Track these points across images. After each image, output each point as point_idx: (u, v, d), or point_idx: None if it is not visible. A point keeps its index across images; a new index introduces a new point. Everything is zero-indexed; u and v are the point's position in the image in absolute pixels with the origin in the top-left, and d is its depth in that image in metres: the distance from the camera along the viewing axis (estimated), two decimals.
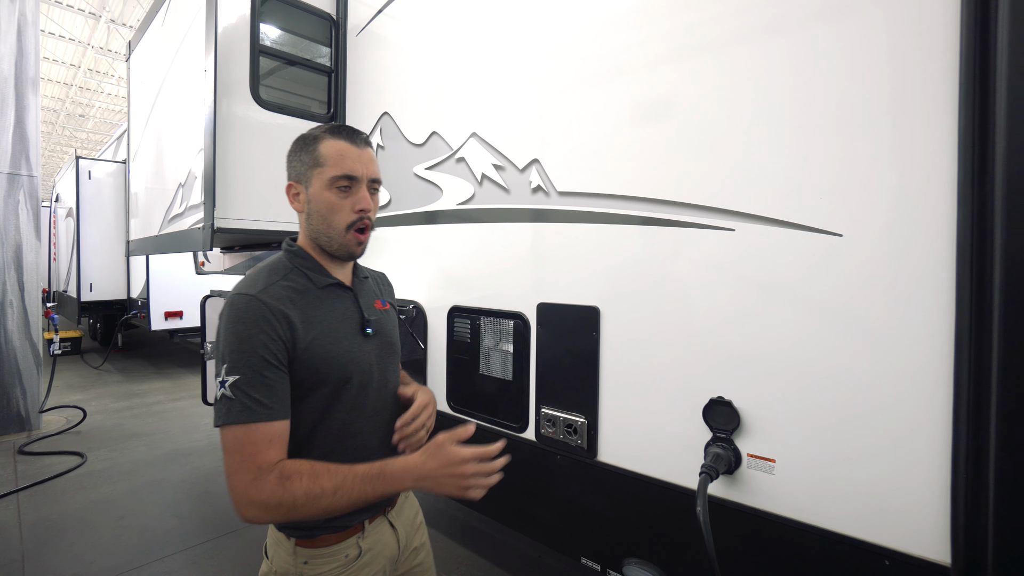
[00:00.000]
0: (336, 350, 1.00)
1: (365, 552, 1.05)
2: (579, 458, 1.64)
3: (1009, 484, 0.93)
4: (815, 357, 1.18)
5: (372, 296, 1.16)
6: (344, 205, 1.00)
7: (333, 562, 1.01)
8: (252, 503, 0.85)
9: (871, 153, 1.11)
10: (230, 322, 0.92)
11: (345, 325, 1.04)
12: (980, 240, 0.96)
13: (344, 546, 1.03)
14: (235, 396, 0.88)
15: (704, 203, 1.35)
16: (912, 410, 1.06)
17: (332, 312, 1.03)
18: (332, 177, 0.98)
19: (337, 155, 0.99)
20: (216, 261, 4.07)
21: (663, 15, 1.44)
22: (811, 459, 1.20)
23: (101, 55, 13.58)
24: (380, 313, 1.14)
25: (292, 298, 0.98)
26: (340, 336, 1.02)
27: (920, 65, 1.04)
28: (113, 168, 7.22)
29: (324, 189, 0.99)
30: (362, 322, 1.07)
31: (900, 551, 1.08)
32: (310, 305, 1.00)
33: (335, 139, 1.00)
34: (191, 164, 2.62)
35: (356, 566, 1.03)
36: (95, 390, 6.06)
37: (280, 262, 1.04)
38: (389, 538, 1.11)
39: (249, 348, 0.90)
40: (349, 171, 0.99)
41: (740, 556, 1.32)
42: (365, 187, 1.01)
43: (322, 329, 0.99)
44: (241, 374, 0.88)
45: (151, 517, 3.04)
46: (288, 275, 1.02)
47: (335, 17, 2.67)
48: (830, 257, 1.16)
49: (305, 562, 1.00)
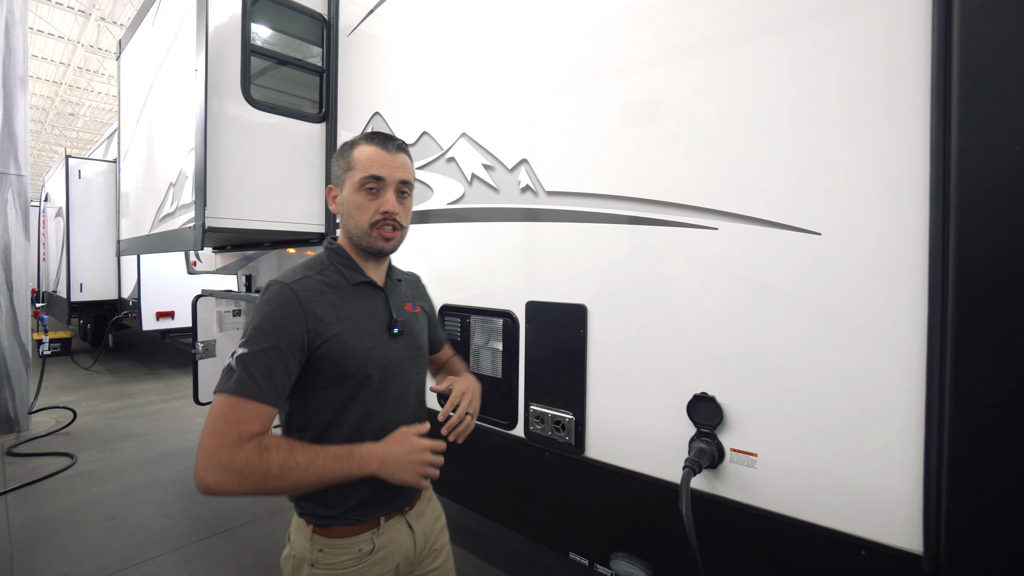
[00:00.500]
0: (360, 346, 1.04)
1: (379, 549, 1.07)
2: (567, 454, 1.66)
3: (973, 476, 0.96)
4: (796, 353, 1.21)
5: (403, 298, 1.20)
6: (370, 206, 1.05)
7: (346, 554, 1.05)
8: (222, 466, 0.87)
9: (848, 155, 1.13)
10: (260, 303, 0.99)
11: (372, 323, 1.08)
12: (945, 240, 0.99)
13: (359, 540, 1.06)
14: (237, 368, 0.92)
15: (688, 202, 1.38)
16: (887, 404, 1.09)
17: (361, 309, 1.08)
18: (360, 179, 1.05)
19: (367, 159, 1.06)
20: (208, 261, 4.05)
21: (651, 18, 1.47)
22: (791, 453, 1.23)
23: (91, 53, 13.46)
24: (409, 315, 1.18)
25: (323, 291, 1.03)
26: (365, 333, 1.06)
27: (894, 72, 1.07)
28: (103, 167, 7.16)
29: (354, 191, 1.06)
30: (389, 322, 1.11)
31: (876, 541, 1.11)
32: (340, 300, 1.05)
33: (368, 145, 1.08)
34: (182, 163, 2.62)
35: (369, 561, 1.06)
36: (85, 391, 6.01)
37: (319, 258, 1.12)
38: (405, 538, 1.13)
39: (266, 330, 0.95)
40: (375, 172, 1.05)
41: (723, 548, 1.34)
42: (392, 190, 1.07)
43: (348, 324, 1.04)
44: (250, 350, 0.93)
45: (142, 517, 3.03)
46: (324, 270, 1.08)
47: (326, 17, 2.67)
48: (810, 256, 1.19)
49: (320, 550, 1.04)
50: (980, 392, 0.95)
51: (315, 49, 2.68)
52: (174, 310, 6.67)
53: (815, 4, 1.18)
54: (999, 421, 0.94)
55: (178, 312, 6.67)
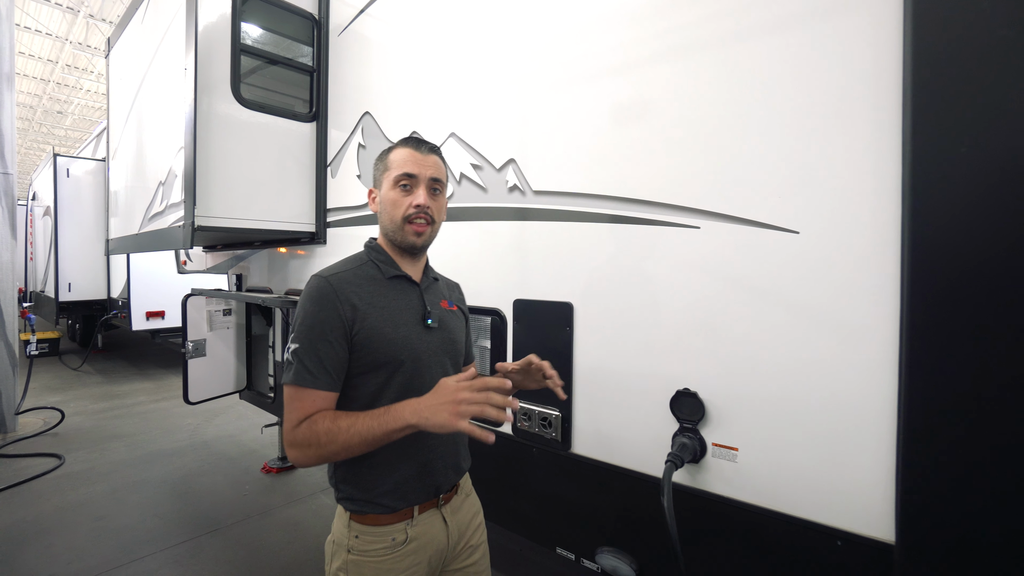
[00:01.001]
0: (394, 334, 1.10)
1: (411, 540, 1.11)
2: (554, 450, 1.68)
3: (930, 470, 0.99)
4: (775, 349, 1.24)
5: (439, 296, 1.25)
6: (404, 201, 1.13)
7: (380, 543, 1.09)
8: (292, 444, 1.01)
9: (824, 157, 1.16)
10: (303, 299, 1.08)
11: (407, 314, 1.15)
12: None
13: (392, 529, 1.10)
14: (293, 361, 1.03)
15: (671, 202, 1.40)
16: (862, 398, 1.12)
17: (395, 301, 1.14)
18: (395, 176, 1.14)
19: (401, 159, 1.14)
20: (198, 260, 4.04)
21: (635, 22, 1.49)
22: (771, 447, 1.25)
23: (80, 51, 13.32)
24: (445, 311, 1.24)
25: (361, 284, 1.12)
26: (399, 322, 1.12)
27: (868, 77, 1.10)
28: (92, 166, 7.10)
29: (390, 188, 1.15)
30: (424, 313, 1.17)
31: (851, 532, 1.14)
32: (376, 292, 1.12)
33: (402, 147, 1.17)
34: (172, 162, 2.61)
35: (402, 552, 1.10)
36: (74, 391, 5.96)
37: (359, 254, 1.21)
38: (439, 531, 1.16)
39: (311, 323, 1.04)
40: (408, 170, 1.13)
41: (706, 541, 1.37)
42: (424, 186, 1.14)
43: (383, 314, 1.10)
44: (300, 344, 1.04)
45: (131, 517, 3.02)
46: (362, 265, 1.16)
47: (317, 17, 2.68)
48: (788, 254, 1.22)
49: (356, 536, 1.10)
50: (932, 387, 0.99)
51: (305, 49, 2.68)
52: (164, 310, 6.62)
53: (793, 11, 1.21)
54: (951, 416, 0.97)
55: (168, 312, 6.62)
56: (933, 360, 0.99)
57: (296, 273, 2.97)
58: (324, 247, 2.71)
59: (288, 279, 3.05)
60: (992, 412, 0.93)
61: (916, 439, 1.02)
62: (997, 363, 0.92)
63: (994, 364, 0.92)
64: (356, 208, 2.46)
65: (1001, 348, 0.91)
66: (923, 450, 1.01)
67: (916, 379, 1.01)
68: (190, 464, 3.86)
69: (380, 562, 1.08)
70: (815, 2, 1.17)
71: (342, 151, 2.58)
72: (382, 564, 1.08)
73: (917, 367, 1.01)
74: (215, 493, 3.38)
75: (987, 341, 0.92)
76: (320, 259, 2.76)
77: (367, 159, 2.39)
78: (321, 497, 3.32)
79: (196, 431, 4.61)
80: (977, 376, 0.94)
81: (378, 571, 1.08)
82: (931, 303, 0.99)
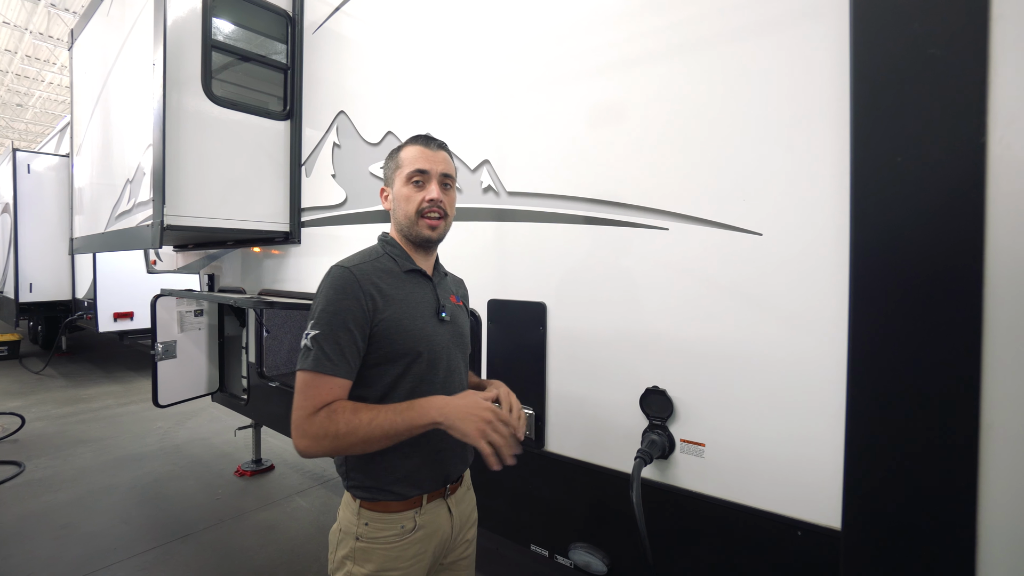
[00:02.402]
0: (411, 326, 1.12)
1: (419, 527, 1.13)
2: (528, 448, 1.70)
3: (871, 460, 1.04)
4: (739, 347, 1.28)
5: (448, 291, 1.29)
6: (417, 196, 1.16)
7: (390, 530, 1.11)
8: (305, 434, 1.00)
9: (787, 162, 1.21)
10: (324, 287, 1.09)
11: (422, 307, 1.17)
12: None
13: (402, 517, 1.12)
14: (312, 347, 1.03)
15: (641, 203, 1.44)
16: (817, 393, 1.17)
17: (412, 294, 1.17)
18: (407, 173, 1.16)
19: (412, 157, 1.17)
20: (169, 260, 3.93)
21: (610, 26, 1.52)
22: (736, 442, 1.30)
23: (41, 41, 12.79)
24: (454, 306, 1.27)
25: (380, 275, 1.13)
26: (416, 315, 1.15)
27: (827, 86, 1.15)
28: (55, 162, 6.84)
29: (402, 185, 1.18)
30: (437, 307, 1.20)
31: (809, 522, 1.19)
32: (393, 285, 1.14)
33: (412, 145, 1.20)
34: (140, 159, 2.55)
35: (411, 539, 1.12)
36: (36, 396, 5.74)
37: (374, 247, 1.22)
38: (445, 521, 1.19)
39: (333, 310, 1.05)
40: (420, 167, 1.16)
41: (675, 534, 1.41)
42: (435, 181, 1.17)
43: (402, 306, 1.13)
44: (320, 330, 1.04)
45: (97, 525, 2.93)
46: (379, 258, 1.18)
47: (291, 13, 2.65)
48: (752, 255, 1.26)
49: (366, 524, 1.11)
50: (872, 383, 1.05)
51: (279, 46, 2.65)
52: (133, 311, 6.41)
53: (759, 20, 1.25)
54: (890, 411, 1.02)
55: (137, 313, 6.41)
56: (873, 357, 1.04)
57: (270, 273, 2.93)
58: (299, 247, 2.68)
59: (262, 279, 3.00)
60: (927, 407, 0.98)
61: (859, 433, 1.07)
62: (932, 360, 0.97)
63: (929, 361, 0.97)
64: (332, 208, 2.44)
65: (937, 346, 0.97)
66: (865, 443, 1.06)
67: (859, 375, 1.06)
68: (160, 468, 3.76)
69: (388, 549, 1.10)
70: (779, 12, 1.22)
71: (317, 150, 2.55)
72: (390, 551, 1.10)
73: (859, 364, 1.06)
74: (186, 498, 3.30)
75: (923, 338, 0.98)
76: (295, 259, 2.72)
77: (342, 158, 2.37)
78: (297, 499, 3.28)
79: (167, 435, 4.50)
80: (914, 373, 0.99)
81: (386, 558, 1.10)
82: (872, 302, 1.04)
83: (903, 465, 1.01)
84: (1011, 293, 0.91)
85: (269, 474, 3.66)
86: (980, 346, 0.93)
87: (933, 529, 0.98)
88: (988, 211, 0.92)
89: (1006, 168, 0.91)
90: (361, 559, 1.11)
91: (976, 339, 0.93)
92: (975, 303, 0.93)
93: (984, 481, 0.94)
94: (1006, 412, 0.92)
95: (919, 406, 0.99)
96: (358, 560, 1.11)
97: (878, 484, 1.04)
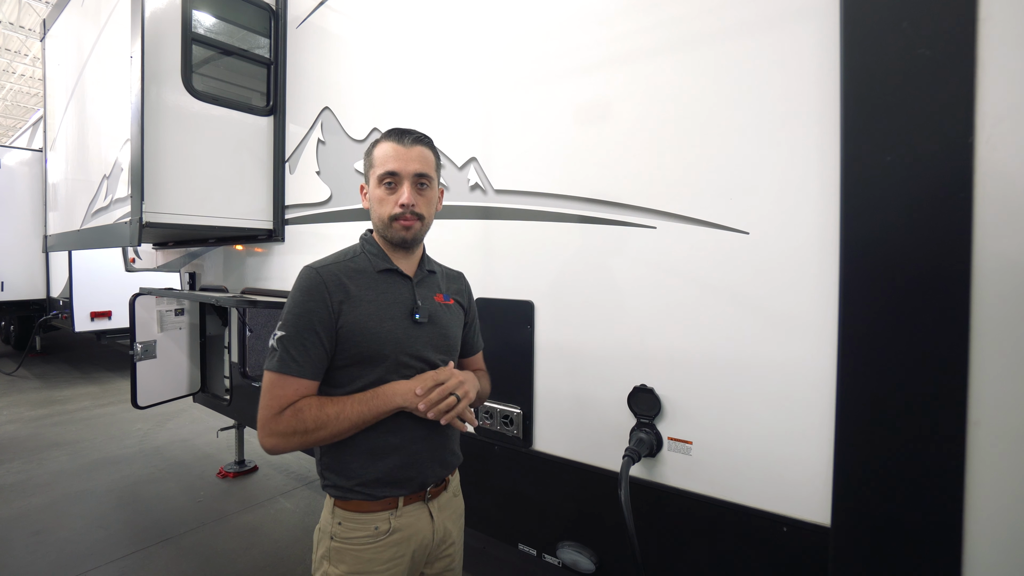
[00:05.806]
0: (378, 328, 1.09)
1: (395, 530, 1.11)
2: (515, 448, 1.70)
3: (861, 458, 1.06)
4: (727, 345, 1.29)
5: (433, 289, 1.24)
6: (390, 200, 1.12)
7: (363, 531, 1.09)
8: (272, 432, 1.02)
9: (773, 161, 1.22)
10: (293, 288, 1.09)
11: (395, 308, 1.14)
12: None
13: (376, 517, 1.10)
14: (278, 348, 1.04)
15: (629, 202, 1.43)
16: (806, 392, 1.18)
17: (384, 294, 1.14)
18: (379, 175, 1.13)
19: (383, 156, 1.13)
20: (148, 258, 3.84)
21: (598, 25, 1.51)
22: (723, 440, 1.31)
23: (11, 31, 12.40)
24: (438, 306, 1.22)
25: (350, 276, 1.12)
26: (385, 316, 1.11)
27: (813, 86, 1.16)
28: (28, 156, 6.63)
29: (375, 186, 1.14)
30: (412, 308, 1.15)
31: (795, 518, 1.20)
32: (364, 285, 1.12)
33: (386, 141, 1.14)
34: (117, 155, 2.48)
35: (385, 542, 1.09)
36: (8, 398, 5.56)
37: (353, 247, 1.21)
38: (424, 525, 1.15)
39: (299, 312, 1.05)
40: (390, 168, 1.11)
41: (663, 532, 1.41)
42: (408, 182, 1.12)
43: (369, 308, 1.10)
44: (286, 332, 1.05)
45: (73, 530, 2.85)
46: (354, 257, 1.16)
47: (274, 7, 2.59)
48: (739, 253, 1.27)
49: (339, 523, 1.10)
50: (862, 381, 1.06)
51: (262, 40, 2.60)
52: (111, 310, 6.26)
53: (744, 20, 1.26)
54: (879, 409, 1.04)
55: (115, 312, 6.26)
56: (862, 356, 1.05)
57: (253, 271, 2.87)
58: (282, 245, 2.64)
59: (245, 278, 2.94)
60: (915, 404, 1.00)
61: (849, 430, 1.08)
62: (920, 358, 0.99)
63: (917, 359, 0.99)
64: (316, 205, 2.40)
65: (925, 343, 0.98)
66: (855, 440, 1.08)
67: (848, 372, 1.08)
68: (140, 471, 3.67)
69: (361, 551, 1.08)
70: (768, 11, 1.22)
71: (301, 146, 2.51)
72: (363, 553, 1.08)
73: (849, 362, 1.07)
74: (167, 501, 3.23)
75: (911, 336, 0.99)
76: (279, 257, 2.68)
77: (327, 155, 2.33)
78: (281, 501, 3.23)
79: (146, 436, 4.39)
80: (903, 370, 1.01)
81: (358, 560, 1.08)
82: (862, 301, 1.05)
83: (892, 462, 1.02)
84: (997, 291, 0.93)
85: (252, 475, 3.60)
86: (967, 343, 0.94)
87: (921, 525, 1.00)
88: (975, 211, 0.94)
89: (992, 168, 0.93)
90: (336, 559, 1.09)
91: (964, 337, 0.94)
92: (962, 301, 0.94)
93: (971, 477, 0.96)
94: (992, 409, 0.94)
95: (907, 403, 1.00)
96: (333, 560, 1.09)
97: (867, 481, 1.06)
